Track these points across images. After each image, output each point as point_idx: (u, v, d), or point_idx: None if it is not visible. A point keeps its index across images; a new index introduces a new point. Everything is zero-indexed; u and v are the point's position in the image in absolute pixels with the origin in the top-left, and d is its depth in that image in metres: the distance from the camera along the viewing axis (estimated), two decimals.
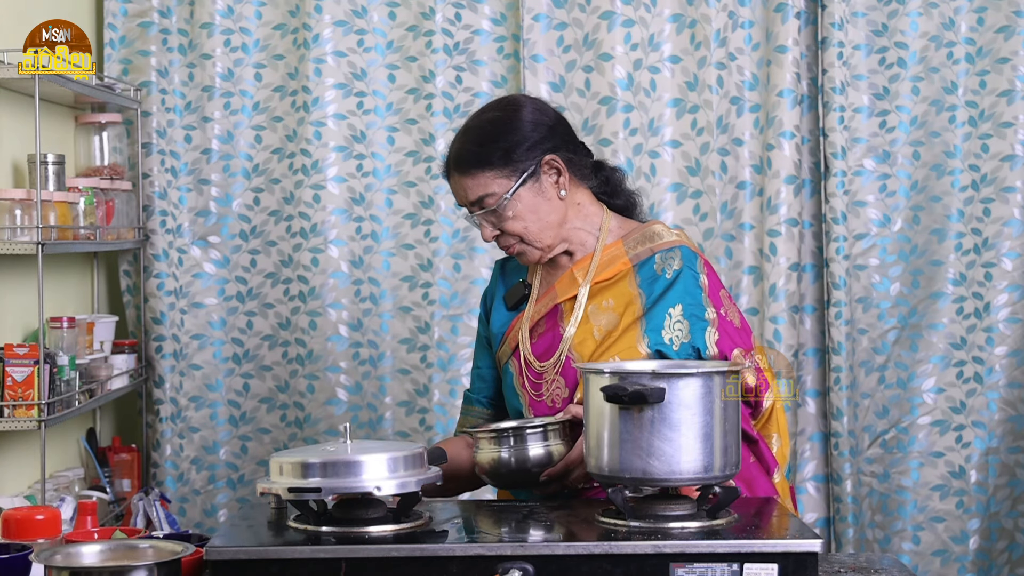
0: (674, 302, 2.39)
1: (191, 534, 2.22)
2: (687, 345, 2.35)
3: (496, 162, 2.39)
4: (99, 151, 3.57)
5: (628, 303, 2.41)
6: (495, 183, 2.39)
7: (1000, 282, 3.63)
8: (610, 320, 2.41)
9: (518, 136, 2.42)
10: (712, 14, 3.64)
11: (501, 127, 2.43)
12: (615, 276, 2.44)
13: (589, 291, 2.44)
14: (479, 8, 3.69)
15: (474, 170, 2.40)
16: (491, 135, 2.42)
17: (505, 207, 2.39)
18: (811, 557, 1.90)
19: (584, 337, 2.42)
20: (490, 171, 2.39)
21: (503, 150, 2.39)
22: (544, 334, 2.46)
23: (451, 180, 2.46)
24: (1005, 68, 3.62)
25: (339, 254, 3.74)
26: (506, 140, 2.41)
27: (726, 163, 3.66)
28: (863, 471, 3.68)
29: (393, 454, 2.02)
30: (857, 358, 3.66)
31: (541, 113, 2.47)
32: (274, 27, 3.77)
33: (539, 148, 2.42)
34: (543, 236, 2.43)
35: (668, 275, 2.42)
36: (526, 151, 2.41)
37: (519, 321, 2.51)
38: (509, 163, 2.39)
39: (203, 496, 3.80)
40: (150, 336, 3.76)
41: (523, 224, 2.41)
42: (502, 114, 2.47)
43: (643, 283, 2.43)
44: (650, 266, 2.43)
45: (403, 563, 1.89)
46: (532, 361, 2.46)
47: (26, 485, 3.22)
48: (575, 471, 2.29)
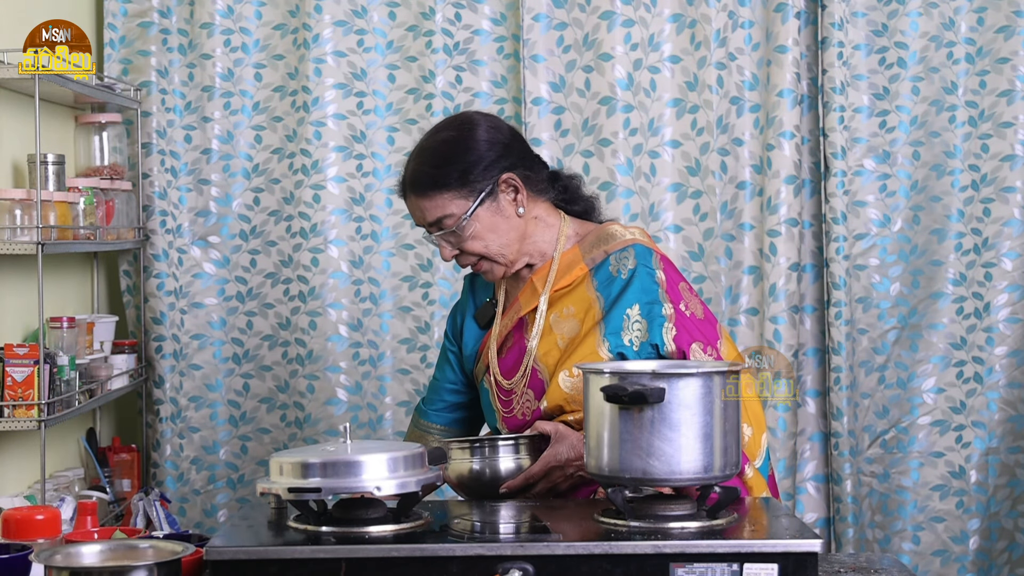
0: (631, 302, 2.38)
1: (191, 534, 2.22)
2: (646, 344, 2.34)
3: (453, 183, 2.37)
4: (99, 151, 3.57)
5: (588, 308, 2.41)
6: (452, 204, 2.37)
7: (1000, 282, 3.63)
8: (572, 327, 2.41)
9: (474, 156, 2.39)
10: (712, 14, 3.64)
11: (456, 148, 2.40)
12: (573, 282, 2.44)
13: (549, 299, 2.44)
14: (479, 8, 3.69)
15: (431, 192, 2.38)
16: (446, 156, 2.39)
17: (464, 228, 2.38)
18: (811, 557, 1.90)
19: (549, 348, 2.41)
20: (447, 192, 2.37)
21: (459, 171, 2.37)
22: (511, 348, 2.47)
23: (407, 201, 2.44)
24: (1005, 68, 3.62)
25: (339, 254, 3.74)
26: (462, 161, 2.38)
27: (726, 163, 3.66)
28: (863, 471, 3.68)
29: (393, 454, 2.02)
30: (857, 358, 3.66)
31: (496, 131, 2.45)
32: (274, 27, 3.77)
33: (495, 167, 2.40)
34: (504, 253, 2.42)
35: (623, 275, 2.40)
36: (483, 171, 2.39)
37: (489, 338, 2.51)
38: (466, 184, 2.37)
39: (203, 496, 3.80)
40: (150, 336, 3.76)
41: (483, 243, 2.40)
42: (456, 134, 2.43)
43: (600, 286, 2.42)
44: (605, 268, 2.43)
45: (403, 563, 1.89)
46: (500, 380, 2.46)
47: (26, 485, 3.22)
48: (537, 484, 2.30)
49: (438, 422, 2.62)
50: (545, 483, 2.30)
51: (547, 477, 2.30)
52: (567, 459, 2.29)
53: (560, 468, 2.30)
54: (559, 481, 2.31)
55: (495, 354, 2.48)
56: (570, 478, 2.30)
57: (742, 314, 3.65)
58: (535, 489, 2.31)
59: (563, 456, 2.29)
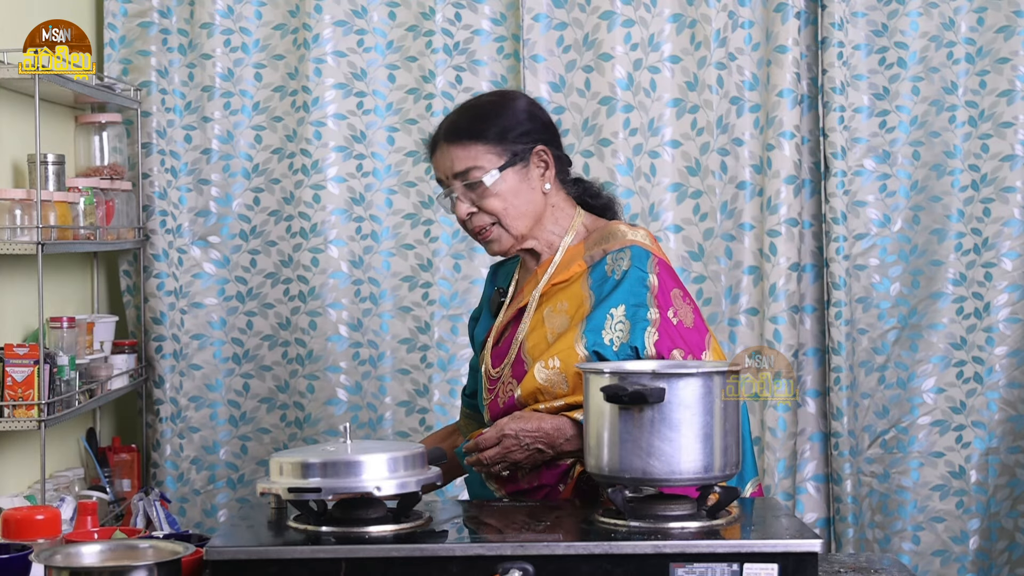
0: (617, 302, 2.37)
1: (191, 534, 2.22)
2: (626, 345, 2.34)
3: (490, 138, 2.41)
4: (99, 151, 3.57)
5: (578, 305, 2.41)
6: (484, 157, 2.40)
7: (1000, 282, 3.63)
8: (562, 322, 2.41)
9: (514, 120, 2.45)
10: (712, 14, 3.64)
11: (499, 108, 2.46)
12: (570, 278, 2.44)
13: (544, 292, 2.44)
14: (479, 8, 3.69)
15: (466, 141, 2.41)
16: (488, 113, 2.44)
17: (489, 183, 2.39)
18: (811, 557, 1.90)
19: (537, 340, 2.41)
20: (482, 145, 2.40)
21: (499, 128, 2.42)
22: (507, 338, 2.47)
23: (436, 152, 2.46)
24: (1005, 68, 3.62)
25: (339, 254, 3.74)
26: (503, 120, 2.43)
27: (726, 163, 3.66)
28: (863, 471, 3.68)
29: (393, 454, 2.02)
30: (857, 358, 3.66)
31: (538, 108, 2.53)
32: (274, 27, 3.77)
33: (532, 137, 2.44)
34: (518, 223, 2.44)
35: (616, 276, 2.41)
36: (520, 135, 2.43)
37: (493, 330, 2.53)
38: (502, 142, 2.41)
39: (203, 496, 3.80)
40: (150, 336, 3.76)
41: (503, 204, 2.41)
42: (500, 99, 2.52)
43: (594, 284, 2.42)
44: (601, 267, 2.43)
45: (403, 563, 1.89)
46: (488, 368, 2.47)
47: (26, 485, 3.22)
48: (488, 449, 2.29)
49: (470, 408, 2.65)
50: (499, 450, 2.28)
51: (500, 444, 2.29)
52: (519, 428, 2.28)
53: (513, 437, 2.28)
54: (512, 450, 2.28)
55: (491, 343, 2.49)
56: (526, 449, 2.28)
57: (742, 314, 3.65)
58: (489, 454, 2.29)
59: (514, 426, 2.28)
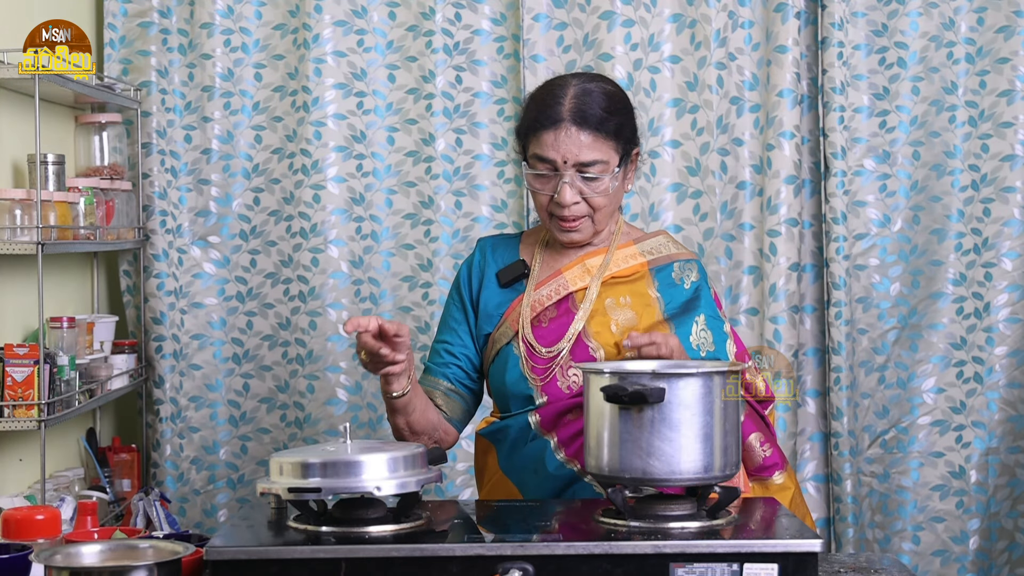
0: (699, 312, 2.47)
1: (191, 534, 2.22)
2: (712, 354, 2.43)
3: (620, 134, 2.43)
4: (99, 151, 3.58)
5: (646, 304, 2.47)
6: (609, 153, 2.42)
7: (1000, 282, 3.63)
8: (628, 317, 2.45)
9: (632, 118, 2.48)
10: (712, 14, 3.64)
11: (626, 105, 2.47)
12: (632, 275, 2.49)
13: (603, 283, 2.47)
14: (479, 8, 3.69)
15: (602, 133, 2.40)
16: (618, 108, 2.44)
17: (606, 180, 2.41)
18: (811, 557, 1.90)
19: (600, 328, 2.45)
20: (612, 141, 2.41)
21: (625, 126, 2.44)
22: (554, 320, 2.47)
23: (559, 131, 2.40)
24: (1005, 68, 3.62)
25: (339, 254, 3.74)
26: (629, 118, 2.46)
27: (726, 163, 3.66)
28: (863, 471, 3.68)
29: (393, 454, 2.02)
30: (857, 358, 3.66)
31: None
32: (274, 27, 3.77)
33: (637, 138, 2.49)
34: (607, 220, 2.48)
35: (687, 285, 2.50)
36: (634, 135, 2.47)
37: (519, 304, 2.50)
38: (622, 140, 2.43)
39: (203, 496, 3.80)
40: (150, 336, 3.76)
41: (606, 201, 2.44)
42: (622, 93, 2.49)
43: (661, 287, 2.49)
44: (668, 273, 2.51)
45: (403, 563, 1.89)
46: (538, 348, 2.46)
47: (26, 485, 3.22)
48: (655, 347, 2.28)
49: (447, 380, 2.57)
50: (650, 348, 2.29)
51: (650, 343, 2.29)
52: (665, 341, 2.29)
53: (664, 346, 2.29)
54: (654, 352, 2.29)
55: (528, 322, 2.47)
56: None
57: (742, 314, 3.65)
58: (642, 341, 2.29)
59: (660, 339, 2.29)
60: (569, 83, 2.45)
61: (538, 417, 2.45)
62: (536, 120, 2.44)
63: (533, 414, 2.46)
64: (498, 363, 2.52)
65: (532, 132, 2.44)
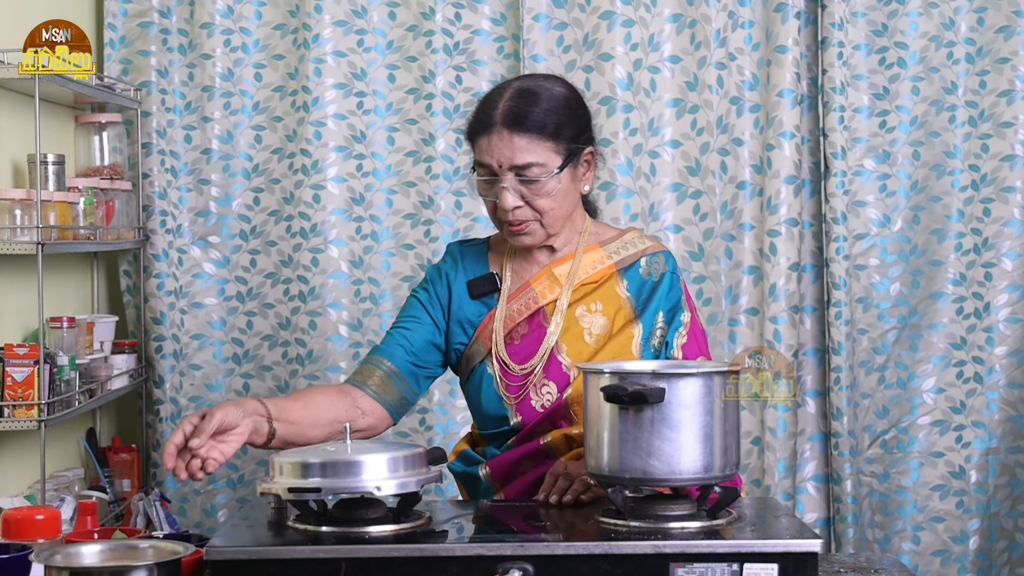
0: (660, 306, 2.43)
1: (191, 534, 2.22)
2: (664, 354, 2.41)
3: (556, 135, 2.34)
4: (99, 151, 3.57)
5: (618, 307, 2.43)
6: (546, 154, 2.34)
7: (1000, 282, 3.63)
8: (601, 324, 2.42)
9: (583, 119, 2.41)
10: (712, 14, 3.64)
11: (571, 104, 2.40)
12: (601, 279, 2.44)
13: (573, 293, 2.43)
14: (479, 8, 3.69)
15: (535, 133, 2.33)
16: (558, 107, 2.37)
17: (547, 182, 2.34)
18: (811, 557, 1.90)
19: (573, 340, 2.41)
20: (548, 141, 2.34)
21: (564, 125, 2.36)
22: (526, 336, 2.43)
23: (492, 136, 2.35)
24: (1005, 68, 3.62)
25: (339, 254, 3.74)
26: (571, 118, 2.37)
27: (726, 163, 3.66)
28: (863, 471, 3.68)
29: (393, 454, 2.02)
30: (857, 358, 3.66)
31: (584, 102, 2.47)
32: (274, 27, 3.77)
33: (586, 136, 2.41)
34: (558, 223, 2.41)
35: (655, 278, 2.44)
36: (580, 134, 2.39)
37: (491, 320, 2.46)
38: (565, 140, 2.36)
39: (203, 496, 3.80)
40: (150, 336, 3.76)
41: (553, 204, 2.37)
42: (570, 92, 2.43)
43: (630, 286, 2.44)
44: (635, 270, 2.45)
45: (403, 563, 1.89)
46: (512, 366, 2.42)
47: (26, 485, 3.22)
48: None
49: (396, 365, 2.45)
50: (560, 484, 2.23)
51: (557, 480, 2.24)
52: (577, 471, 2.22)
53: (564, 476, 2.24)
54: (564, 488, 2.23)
55: (501, 338, 2.44)
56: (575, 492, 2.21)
57: (742, 314, 3.65)
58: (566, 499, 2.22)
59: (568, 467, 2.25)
60: (508, 86, 2.40)
61: (488, 470, 2.43)
62: (472, 126, 2.41)
63: (484, 467, 2.43)
64: (472, 382, 2.48)
65: (471, 139, 2.42)
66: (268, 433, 2.24)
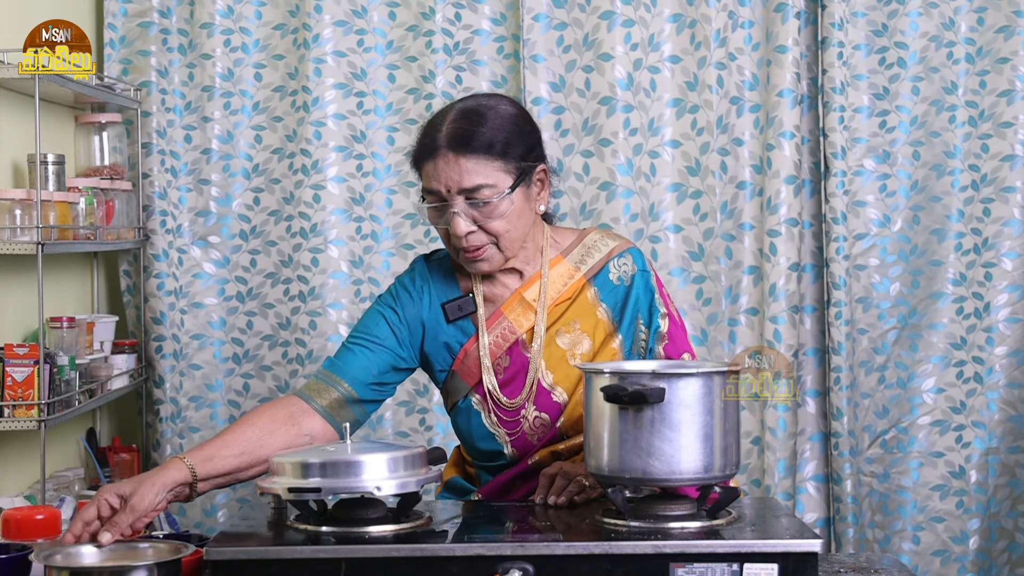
0: (637, 310, 2.39)
1: (191, 534, 2.23)
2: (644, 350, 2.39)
3: (507, 154, 2.26)
4: (99, 151, 3.57)
5: (595, 322, 2.38)
6: (495, 175, 2.26)
7: (1000, 282, 3.63)
8: (584, 344, 2.37)
9: (530, 136, 2.32)
10: (712, 14, 3.64)
11: (518, 122, 2.31)
12: (573, 295, 2.38)
13: (548, 316, 2.37)
14: (479, 8, 3.69)
15: (482, 154, 2.25)
16: (505, 125, 2.28)
17: (498, 204, 2.26)
18: (811, 557, 1.90)
19: (558, 366, 2.37)
20: (497, 161, 2.25)
21: (511, 144, 2.27)
22: (509, 368, 2.38)
23: (437, 160, 2.26)
24: (1005, 68, 3.62)
25: (339, 254, 3.74)
26: (519, 136, 2.29)
27: (726, 163, 3.66)
28: (863, 471, 3.68)
29: (393, 454, 2.02)
30: (857, 358, 3.66)
31: (533, 119, 2.39)
32: (274, 27, 3.77)
33: (536, 153, 2.33)
34: (515, 245, 2.32)
35: (626, 282, 2.39)
36: (530, 153, 2.31)
37: (472, 351, 2.38)
38: (514, 160, 2.27)
39: (203, 496, 3.79)
40: (150, 336, 3.76)
41: (507, 226, 2.28)
42: (516, 110, 2.34)
43: (603, 295, 2.39)
44: (605, 276, 2.40)
45: (403, 563, 1.89)
46: (503, 400, 2.37)
47: (26, 485, 3.22)
48: None
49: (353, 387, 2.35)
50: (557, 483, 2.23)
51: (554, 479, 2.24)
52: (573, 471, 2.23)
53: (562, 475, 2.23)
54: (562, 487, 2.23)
55: (492, 375, 2.37)
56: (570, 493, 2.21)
57: (742, 314, 3.65)
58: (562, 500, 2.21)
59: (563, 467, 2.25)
60: (452, 108, 2.31)
61: (480, 496, 2.41)
62: (417, 152, 2.32)
63: (476, 494, 2.42)
64: (461, 416, 2.42)
65: (416, 165, 2.33)
66: (191, 495, 2.16)
